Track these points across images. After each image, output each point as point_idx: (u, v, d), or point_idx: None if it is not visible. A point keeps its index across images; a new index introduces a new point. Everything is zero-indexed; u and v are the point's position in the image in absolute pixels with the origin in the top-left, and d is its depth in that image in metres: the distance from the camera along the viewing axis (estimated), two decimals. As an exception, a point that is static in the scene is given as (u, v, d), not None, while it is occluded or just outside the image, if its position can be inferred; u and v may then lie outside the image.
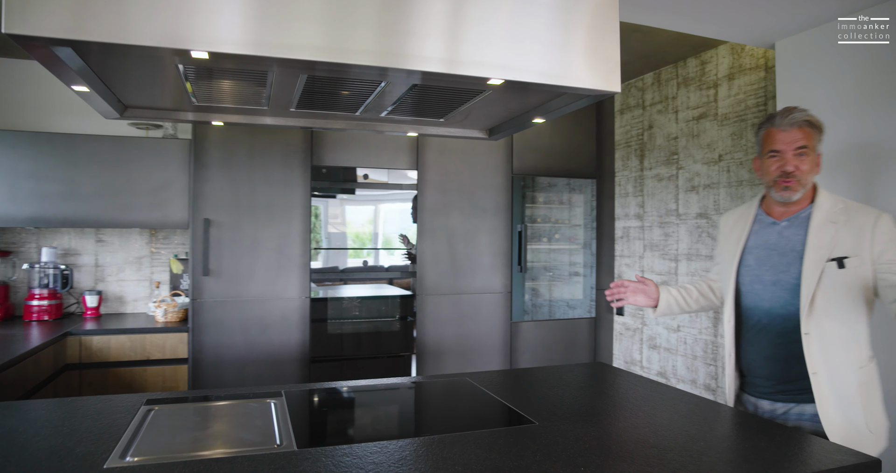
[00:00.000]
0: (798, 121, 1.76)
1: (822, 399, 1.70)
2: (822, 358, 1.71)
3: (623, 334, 4.09)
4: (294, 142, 3.50)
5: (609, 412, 1.71)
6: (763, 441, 1.49)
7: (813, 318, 1.72)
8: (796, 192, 1.77)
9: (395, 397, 2.00)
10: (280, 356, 3.45)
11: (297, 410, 1.75)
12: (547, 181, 4.29)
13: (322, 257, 3.70)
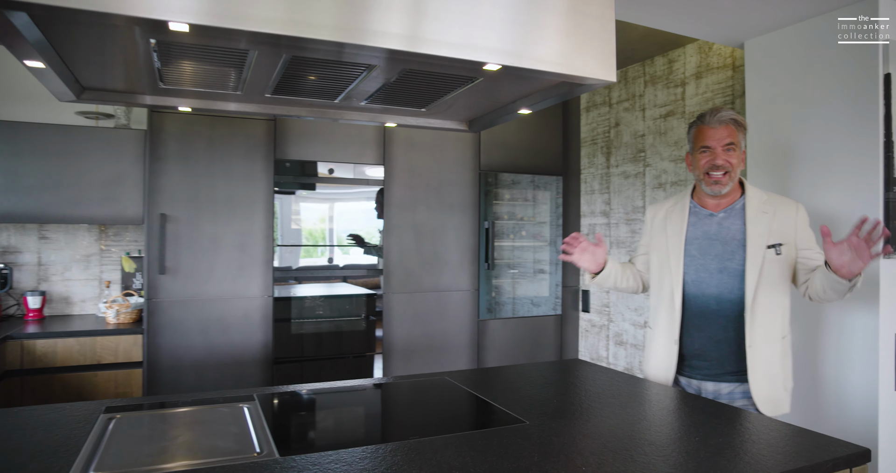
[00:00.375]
0: (726, 119, 1.92)
1: (754, 367, 1.90)
2: (756, 332, 1.90)
3: (589, 330, 4.10)
4: (256, 134, 3.36)
5: (597, 409, 1.67)
6: (754, 434, 1.47)
7: (755, 301, 1.90)
8: (726, 185, 1.93)
9: (376, 398, 1.91)
10: (242, 358, 3.31)
11: (274, 414, 1.64)
12: (511, 178, 4.26)
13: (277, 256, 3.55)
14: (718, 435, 1.46)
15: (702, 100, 3.23)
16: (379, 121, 1.99)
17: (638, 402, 1.77)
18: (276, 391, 1.86)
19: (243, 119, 3.33)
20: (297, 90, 1.68)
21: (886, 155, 2.31)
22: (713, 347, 1.96)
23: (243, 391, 1.82)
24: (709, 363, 1.97)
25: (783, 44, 2.64)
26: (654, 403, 1.76)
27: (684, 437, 1.44)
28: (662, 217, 2.12)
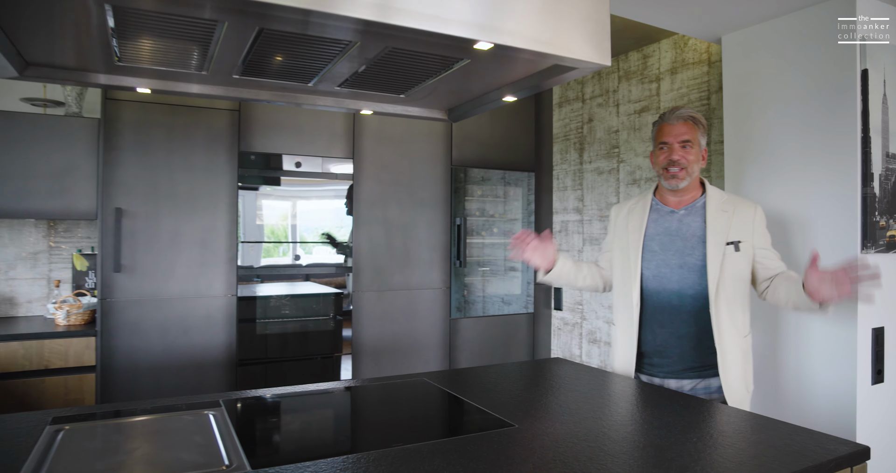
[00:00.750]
0: (683, 116, 1.97)
1: (725, 368, 1.91)
2: (723, 327, 1.92)
3: (562, 329, 4.05)
4: (220, 125, 3.20)
5: (585, 410, 1.60)
6: (755, 433, 1.42)
7: (718, 296, 1.92)
8: (683, 180, 1.97)
9: (351, 401, 1.80)
10: (204, 360, 3.14)
11: (242, 422, 1.52)
12: (483, 174, 4.19)
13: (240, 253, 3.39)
14: (717, 435, 1.40)
15: (677, 95, 3.20)
16: (354, 108, 1.87)
17: (628, 402, 1.70)
18: (243, 397, 1.73)
19: (206, 109, 3.16)
20: (267, 71, 1.56)
21: (864, 150, 2.31)
22: (675, 343, 1.98)
23: (208, 397, 1.69)
24: (671, 360, 1.98)
25: (761, 39, 2.62)
26: (645, 402, 1.69)
27: (682, 438, 1.38)
28: (625, 215, 2.15)
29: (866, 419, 2.30)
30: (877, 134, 2.34)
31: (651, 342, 2.02)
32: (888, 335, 2.39)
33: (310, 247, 3.57)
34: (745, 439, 1.39)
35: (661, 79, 3.31)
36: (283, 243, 3.51)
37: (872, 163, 2.32)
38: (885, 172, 2.39)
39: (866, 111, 2.31)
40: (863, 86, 2.31)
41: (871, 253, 2.31)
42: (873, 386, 2.34)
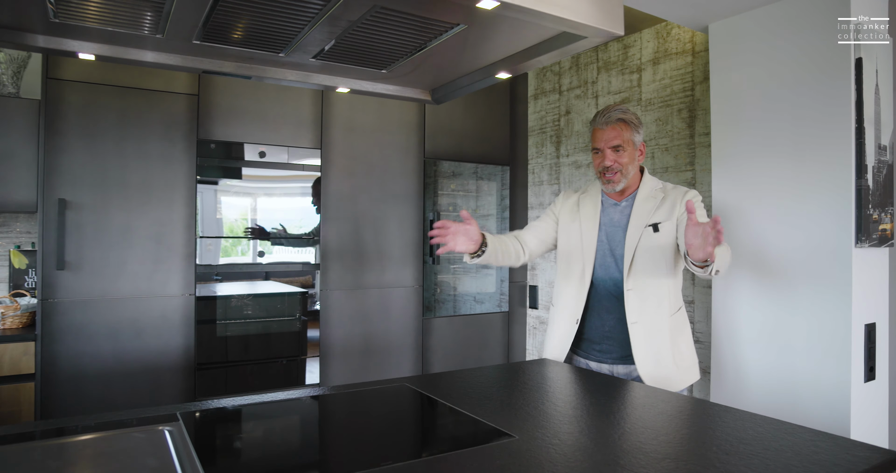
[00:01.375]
0: (612, 120, 2.00)
1: (637, 344, 1.96)
2: (639, 310, 1.97)
3: (537, 328, 3.93)
4: (177, 110, 2.95)
5: (587, 418, 1.46)
6: (776, 441, 1.29)
7: (633, 276, 1.98)
8: (618, 183, 2.02)
9: (328, 412, 1.61)
10: (158, 365, 2.89)
11: (203, 439, 1.32)
12: (457, 167, 4.03)
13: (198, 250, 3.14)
14: (736, 443, 1.27)
15: (659, 86, 3.11)
16: (329, 84, 1.69)
17: (631, 406, 1.57)
18: (204, 408, 1.53)
19: (161, 92, 2.91)
20: (232, 37, 1.37)
21: (858, 142, 2.23)
22: (623, 328, 2.01)
23: (164, 410, 1.48)
24: (617, 346, 2.03)
25: (750, 27, 2.53)
26: (647, 408, 1.56)
27: (701, 448, 1.24)
28: (574, 203, 2.20)
29: (859, 417, 2.23)
30: (870, 125, 2.27)
31: (598, 329, 2.06)
32: (880, 330, 2.33)
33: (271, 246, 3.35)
34: (767, 447, 1.27)
35: (642, 69, 3.21)
36: (244, 238, 3.28)
37: (866, 154, 2.25)
38: (877, 164, 2.33)
39: (860, 101, 2.24)
40: (857, 75, 2.24)
41: (864, 247, 2.24)
42: (865, 384, 2.27)
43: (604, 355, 2.07)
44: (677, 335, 2.02)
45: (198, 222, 3.03)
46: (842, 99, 2.23)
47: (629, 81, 3.28)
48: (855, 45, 2.24)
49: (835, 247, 2.22)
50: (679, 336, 2.03)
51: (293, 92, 3.23)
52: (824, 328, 2.26)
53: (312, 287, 3.37)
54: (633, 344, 1.96)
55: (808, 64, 2.32)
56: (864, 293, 2.26)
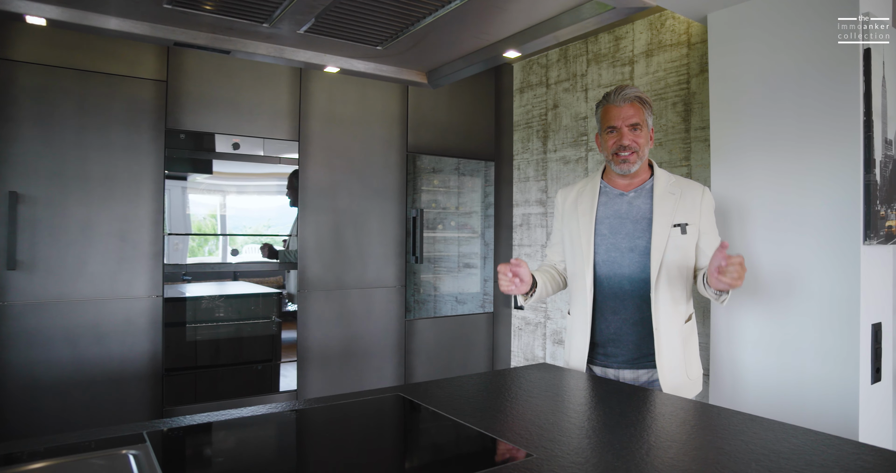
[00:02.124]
0: (630, 97, 1.86)
1: (661, 352, 1.84)
2: (662, 315, 1.85)
3: (523, 329, 3.80)
4: (143, 97, 2.74)
5: (607, 430, 1.32)
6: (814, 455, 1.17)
7: (662, 279, 1.85)
8: (634, 164, 1.88)
9: (319, 429, 1.44)
10: (123, 372, 2.68)
11: (174, 464, 1.15)
12: (440, 163, 3.88)
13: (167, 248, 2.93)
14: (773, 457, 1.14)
15: (653, 79, 3.00)
16: (317, 62, 1.53)
17: (650, 416, 1.43)
18: (174, 426, 1.35)
19: (126, 78, 2.70)
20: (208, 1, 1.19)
21: (866, 135, 2.15)
22: (629, 330, 1.89)
23: (128, 429, 1.30)
24: (625, 349, 1.90)
25: (751, 17, 2.43)
26: (668, 416, 1.43)
27: (739, 465, 1.11)
28: (573, 199, 2.06)
29: (867, 420, 2.15)
30: (878, 118, 2.19)
31: (604, 331, 1.93)
32: (885, 329, 2.25)
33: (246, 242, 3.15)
34: (810, 462, 1.15)
35: (634, 62, 3.10)
36: (214, 235, 3.08)
37: (875, 149, 2.17)
38: (884, 159, 2.25)
39: (869, 93, 2.16)
40: (865, 66, 2.15)
41: (872, 245, 2.16)
42: (872, 385, 2.19)
43: (608, 359, 1.93)
44: (688, 343, 1.92)
45: (165, 219, 2.82)
46: (849, 91, 2.15)
47: (621, 73, 3.17)
48: (862, 35, 2.16)
49: (842, 244, 2.13)
50: (690, 345, 1.93)
51: (269, 80, 3.04)
52: (832, 328, 2.17)
53: (284, 288, 3.18)
54: (657, 351, 1.84)
55: (813, 55, 2.23)
56: (872, 292, 2.18)
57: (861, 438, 2.10)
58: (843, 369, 2.14)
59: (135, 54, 2.71)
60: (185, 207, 2.96)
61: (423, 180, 3.84)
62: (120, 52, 2.68)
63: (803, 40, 2.26)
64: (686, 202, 1.90)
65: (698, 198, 1.91)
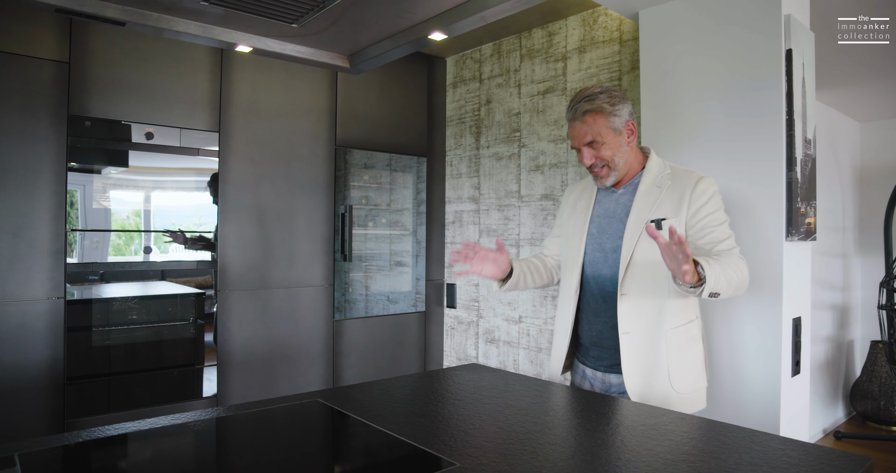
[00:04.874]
0: (578, 114, 1.74)
1: (627, 356, 1.70)
2: (633, 319, 1.71)
3: (455, 328, 3.74)
4: (41, 79, 2.50)
5: (537, 434, 1.26)
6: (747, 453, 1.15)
7: (628, 280, 1.71)
8: (608, 177, 1.78)
9: (224, 440, 1.32)
10: (16, 382, 2.44)
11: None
12: (370, 158, 3.76)
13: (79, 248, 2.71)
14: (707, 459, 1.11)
15: (585, 76, 2.99)
16: (229, 40, 1.40)
17: (579, 417, 1.38)
18: (56, 445, 1.19)
19: (20, 57, 2.45)
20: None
21: (788, 134, 2.19)
22: (609, 333, 1.77)
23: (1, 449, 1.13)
24: (607, 353, 1.79)
25: (681, 15, 2.45)
26: (599, 417, 1.38)
27: (668, 461, 1.07)
28: (575, 197, 1.96)
29: (787, 412, 2.20)
30: (799, 118, 2.24)
31: (587, 334, 1.83)
32: (804, 324, 2.31)
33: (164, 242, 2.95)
34: (731, 455, 1.12)
35: (567, 58, 3.08)
36: (125, 231, 2.86)
37: (795, 147, 2.22)
38: (804, 158, 2.30)
39: (791, 93, 2.20)
40: (787, 67, 2.19)
41: (793, 241, 2.21)
42: (792, 378, 2.24)
43: (597, 361, 1.82)
44: (678, 352, 1.71)
45: (73, 214, 2.59)
46: (773, 91, 2.19)
47: (554, 69, 3.15)
48: (785, 36, 2.20)
49: (767, 240, 2.17)
50: (681, 354, 1.72)
51: (187, 65, 2.84)
52: (757, 322, 2.20)
53: (212, 288, 2.99)
54: (623, 356, 1.70)
55: (740, 54, 2.26)
56: (793, 287, 2.23)
57: (782, 429, 2.14)
58: (766, 362, 2.18)
59: (31, 31, 2.47)
60: (102, 202, 2.73)
61: (354, 176, 3.72)
62: (13, 27, 2.43)
63: (730, 40, 2.28)
64: (673, 195, 1.72)
65: (689, 188, 1.71)
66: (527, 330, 3.27)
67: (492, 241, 3.47)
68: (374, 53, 1.50)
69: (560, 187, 3.09)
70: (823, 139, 4.26)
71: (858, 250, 4.81)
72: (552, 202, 3.13)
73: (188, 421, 1.35)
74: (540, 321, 3.19)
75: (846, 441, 4.07)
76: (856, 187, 4.82)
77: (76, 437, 1.22)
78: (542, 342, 3.19)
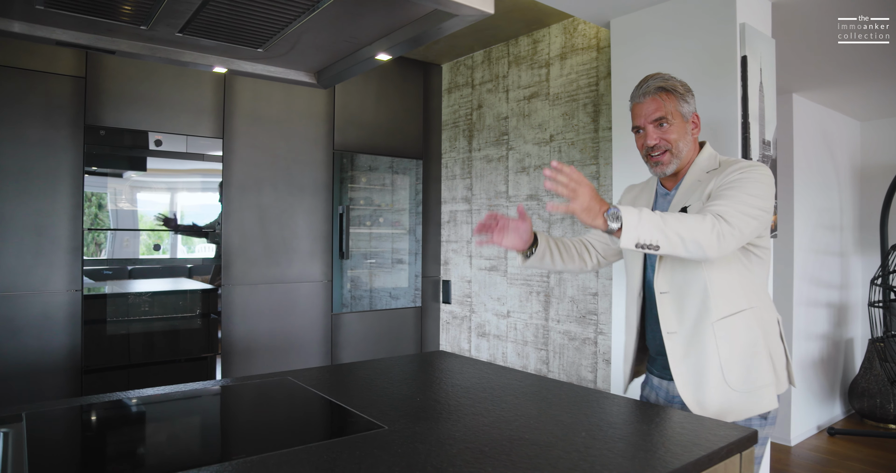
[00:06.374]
0: (650, 90, 1.63)
1: (676, 360, 1.57)
2: (677, 317, 1.59)
3: (450, 322, 3.92)
4: (61, 93, 2.76)
5: (467, 407, 1.44)
6: (641, 423, 1.31)
7: (663, 276, 1.60)
8: (669, 164, 1.64)
9: (195, 408, 1.52)
10: (39, 367, 2.69)
11: (43, 440, 1.21)
12: (369, 161, 3.96)
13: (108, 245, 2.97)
14: (606, 427, 1.28)
15: (566, 81, 3.15)
16: (204, 63, 1.60)
17: (513, 395, 1.55)
18: (57, 408, 1.41)
19: (42, 73, 2.71)
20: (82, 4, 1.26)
21: (744, 136, 2.32)
22: None
23: (10, 410, 1.35)
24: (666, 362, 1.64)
25: (648, 23, 2.59)
26: (531, 396, 1.55)
27: (570, 433, 1.24)
28: (633, 197, 1.86)
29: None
30: (755, 120, 2.37)
31: (652, 341, 1.71)
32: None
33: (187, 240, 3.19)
34: (635, 430, 1.28)
35: (550, 64, 3.24)
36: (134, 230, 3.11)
37: (751, 149, 2.34)
38: (761, 159, 2.43)
39: (746, 98, 2.33)
40: (742, 72, 2.33)
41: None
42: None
43: (665, 371, 1.67)
44: (729, 344, 1.54)
45: (104, 215, 2.84)
46: (729, 95, 2.32)
47: (538, 75, 3.31)
48: (740, 43, 2.32)
49: (721, 238, 2.29)
50: (732, 345, 1.54)
51: (192, 78, 3.08)
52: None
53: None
54: (671, 358, 1.58)
55: (700, 60, 2.39)
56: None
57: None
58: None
59: (52, 50, 2.73)
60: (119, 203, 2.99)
61: (358, 177, 3.92)
62: (36, 47, 2.69)
63: (691, 47, 2.42)
64: (710, 185, 1.56)
65: (724, 175, 1.55)
66: (514, 324, 3.43)
67: (483, 239, 3.63)
68: (335, 71, 1.68)
69: (544, 188, 3.24)
70: (818, 139, 4.33)
71: (858, 249, 4.85)
72: (537, 202, 3.29)
73: (170, 393, 1.56)
74: (526, 316, 3.35)
75: (840, 438, 4.11)
76: (855, 186, 4.86)
77: (75, 402, 1.44)
78: (528, 335, 3.35)
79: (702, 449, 1.15)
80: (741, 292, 1.57)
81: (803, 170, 4.04)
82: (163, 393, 1.56)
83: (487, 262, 3.59)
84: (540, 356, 3.27)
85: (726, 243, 1.41)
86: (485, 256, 3.63)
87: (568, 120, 3.13)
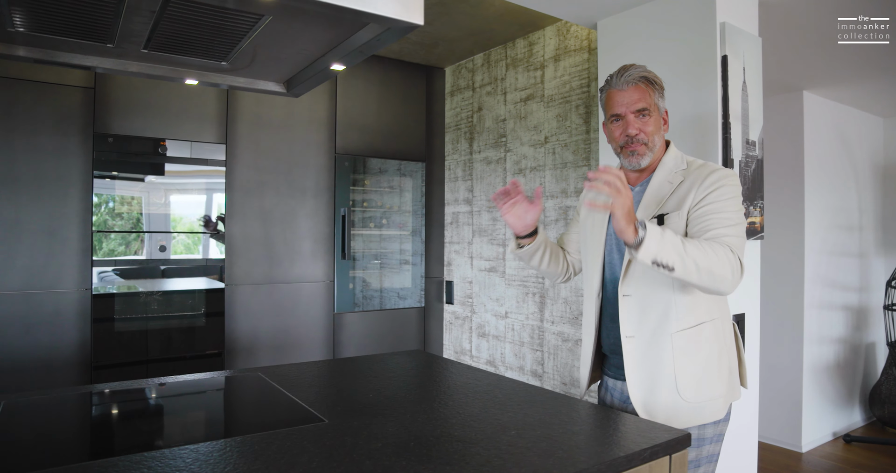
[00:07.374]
0: (634, 78, 1.59)
1: (631, 363, 1.57)
2: (637, 321, 1.57)
3: (453, 323, 3.97)
4: (71, 103, 2.91)
5: (414, 404, 1.49)
6: (577, 425, 1.34)
7: (629, 280, 1.58)
8: (644, 156, 1.60)
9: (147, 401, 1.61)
10: (51, 362, 2.85)
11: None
12: (373, 164, 4.04)
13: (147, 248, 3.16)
14: (536, 427, 1.31)
15: (560, 83, 3.17)
16: (175, 76, 1.69)
17: (463, 394, 1.60)
18: (28, 399, 1.52)
19: (53, 85, 2.87)
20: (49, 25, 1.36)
21: (724, 136, 2.31)
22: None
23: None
24: (621, 361, 1.64)
25: (634, 24, 2.60)
26: (482, 396, 1.59)
27: (499, 432, 1.28)
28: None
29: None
30: (736, 120, 2.36)
31: (606, 340, 1.70)
32: (749, 321, 2.41)
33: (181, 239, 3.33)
34: (566, 430, 1.31)
35: (545, 66, 3.26)
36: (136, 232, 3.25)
37: (732, 149, 2.33)
38: (745, 159, 2.41)
39: (726, 97, 2.32)
40: (723, 72, 2.31)
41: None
42: (733, 372, 2.35)
43: (618, 371, 1.66)
44: (685, 357, 1.53)
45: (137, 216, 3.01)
46: (709, 95, 2.31)
47: (533, 77, 3.33)
48: (721, 43, 2.31)
49: (701, 239, 2.29)
50: (688, 359, 1.53)
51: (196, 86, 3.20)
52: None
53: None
54: (626, 362, 1.58)
55: (683, 60, 2.39)
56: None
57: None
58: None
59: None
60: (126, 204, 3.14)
61: (363, 179, 4.01)
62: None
63: (674, 47, 2.42)
64: (682, 190, 1.56)
65: (699, 181, 1.54)
66: (512, 325, 3.46)
67: (483, 240, 3.68)
68: (301, 81, 1.75)
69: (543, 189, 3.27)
70: (833, 137, 4.23)
71: (881, 250, 4.71)
72: (533, 204, 3.31)
73: (145, 387, 1.66)
74: (522, 317, 3.38)
75: (857, 446, 3.99)
76: (877, 185, 4.72)
77: (56, 392, 1.54)
78: (525, 336, 3.37)
79: (622, 450, 1.18)
80: (703, 306, 1.57)
81: (815, 169, 3.95)
82: (127, 387, 1.65)
83: (487, 263, 3.63)
84: (536, 357, 3.30)
85: (738, 279, 1.42)
86: (485, 257, 3.67)
87: (561, 121, 3.15)
